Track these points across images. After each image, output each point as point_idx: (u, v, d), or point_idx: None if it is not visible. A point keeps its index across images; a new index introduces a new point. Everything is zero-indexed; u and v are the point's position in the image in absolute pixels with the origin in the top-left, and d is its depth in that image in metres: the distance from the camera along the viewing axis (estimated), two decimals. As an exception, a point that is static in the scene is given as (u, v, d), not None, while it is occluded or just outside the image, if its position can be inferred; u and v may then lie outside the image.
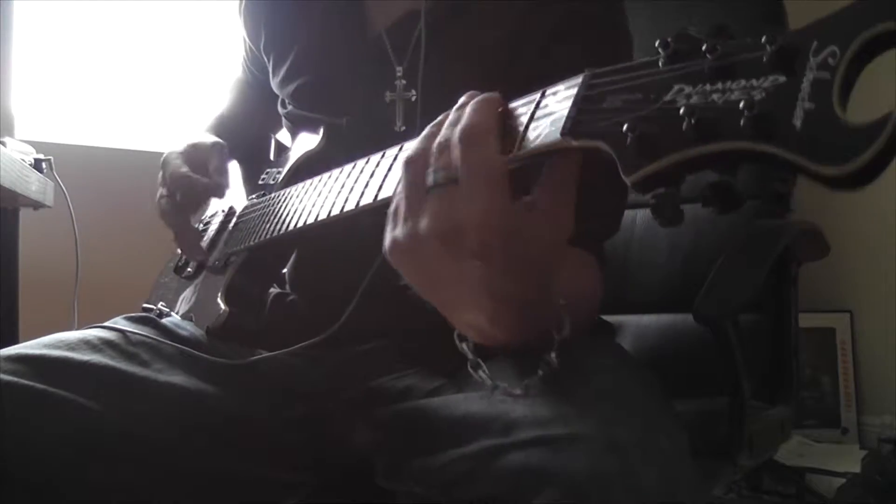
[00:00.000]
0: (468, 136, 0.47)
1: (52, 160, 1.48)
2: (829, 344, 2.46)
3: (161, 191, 0.88)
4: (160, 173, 0.89)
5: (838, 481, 2.02)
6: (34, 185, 1.34)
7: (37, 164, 1.42)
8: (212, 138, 0.91)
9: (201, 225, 0.99)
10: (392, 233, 0.50)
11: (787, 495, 2.04)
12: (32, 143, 1.50)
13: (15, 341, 1.15)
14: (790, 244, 1.06)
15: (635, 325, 1.19)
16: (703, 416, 0.96)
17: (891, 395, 2.30)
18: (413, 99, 0.80)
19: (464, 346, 0.56)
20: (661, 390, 0.67)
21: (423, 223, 0.48)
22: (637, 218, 1.24)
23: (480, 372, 0.56)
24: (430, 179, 0.48)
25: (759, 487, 2.04)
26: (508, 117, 0.49)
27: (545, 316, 0.54)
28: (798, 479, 2.07)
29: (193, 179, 0.85)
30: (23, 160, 1.32)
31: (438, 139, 0.49)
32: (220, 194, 0.88)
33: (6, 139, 1.42)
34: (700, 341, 0.98)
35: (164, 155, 0.90)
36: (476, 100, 0.49)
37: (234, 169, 1.03)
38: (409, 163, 0.50)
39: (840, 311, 2.46)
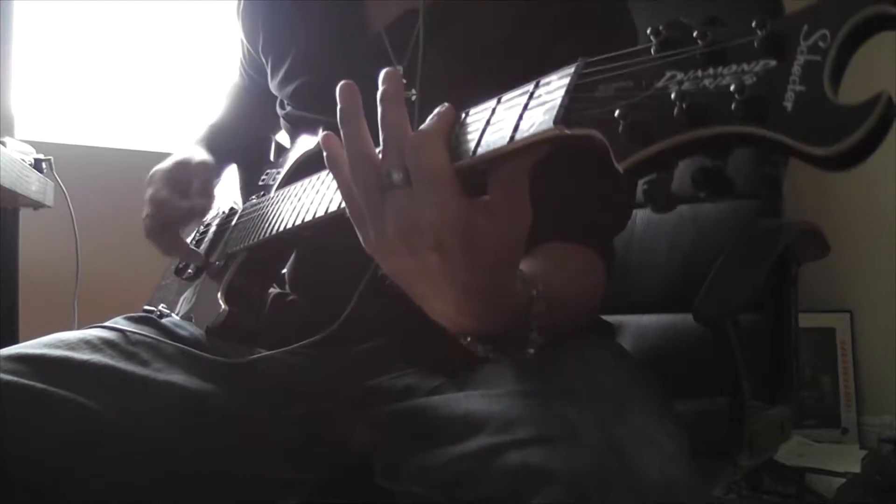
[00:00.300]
0: (419, 141, 0.50)
1: (52, 160, 1.48)
2: (829, 344, 2.46)
3: (146, 210, 0.88)
4: (146, 191, 0.90)
5: (838, 481, 2.02)
6: (34, 185, 1.35)
7: (37, 164, 1.42)
8: (200, 156, 0.92)
9: (202, 227, 0.99)
10: (362, 234, 0.53)
11: (787, 495, 2.04)
12: (32, 143, 1.50)
13: (15, 341, 1.15)
14: (790, 244, 1.06)
15: (635, 325, 1.19)
16: (703, 416, 0.96)
17: (891, 395, 2.30)
18: (412, 98, 0.80)
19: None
20: (661, 390, 0.67)
21: (384, 223, 0.51)
22: (637, 218, 1.23)
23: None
24: (385, 182, 0.50)
25: (759, 487, 2.04)
26: (461, 126, 0.51)
27: (514, 305, 0.55)
28: (798, 479, 2.07)
29: (172, 204, 0.87)
30: (23, 160, 1.32)
31: (389, 145, 0.51)
32: (201, 217, 0.91)
33: (6, 139, 1.42)
34: (700, 341, 0.98)
35: (150, 173, 0.91)
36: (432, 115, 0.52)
37: (232, 172, 1.04)
38: (358, 172, 0.52)
39: (840, 311, 2.46)
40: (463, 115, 0.51)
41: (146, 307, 0.94)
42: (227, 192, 1.01)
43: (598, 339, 0.79)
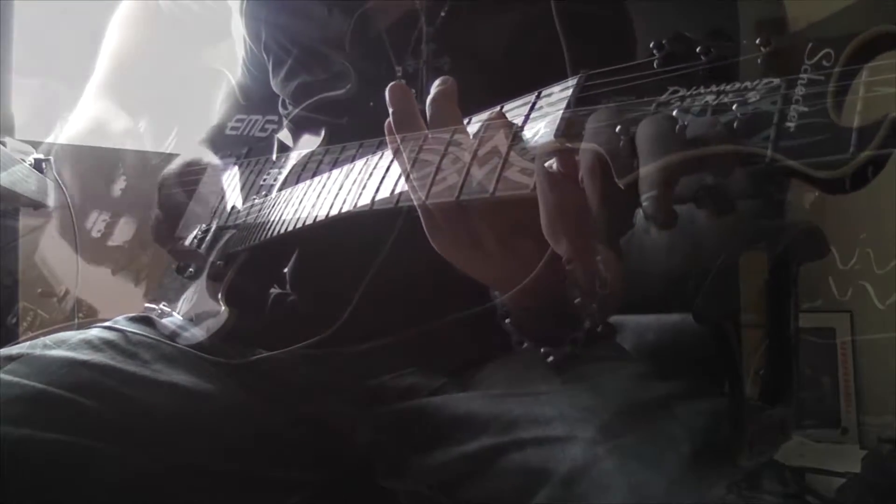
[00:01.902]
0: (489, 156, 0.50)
1: (52, 160, 1.48)
2: (829, 344, 2.46)
3: (155, 212, 0.90)
4: (156, 195, 0.91)
5: (838, 481, 2.02)
6: (34, 185, 1.34)
7: (37, 164, 1.42)
8: (208, 160, 0.93)
9: (203, 226, 0.99)
10: (434, 238, 0.55)
11: (787, 495, 2.04)
12: (32, 143, 1.49)
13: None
14: (790, 244, 1.06)
15: (635, 325, 1.19)
16: (703, 417, 0.96)
17: (891, 395, 2.30)
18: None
19: (507, 323, 0.58)
20: (661, 390, 0.67)
21: (462, 230, 0.52)
22: (636, 217, 1.23)
23: (523, 347, 0.57)
24: (458, 195, 0.50)
25: (759, 487, 2.03)
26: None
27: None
28: (798, 479, 2.07)
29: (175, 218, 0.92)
30: (23, 160, 1.32)
31: (453, 156, 0.51)
32: (201, 223, 0.94)
33: (6, 139, 1.42)
34: (700, 341, 0.98)
35: (160, 176, 0.92)
36: (491, 123, 0.51)
37: (235, 172, 1.04)
38: (433, 184, 0.53)
39: (840, 311, 2.46)
40: (466, 122, 0.51)
41: (147, 305, 0.94)
42: (230, 192, 1.01)
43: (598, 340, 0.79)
